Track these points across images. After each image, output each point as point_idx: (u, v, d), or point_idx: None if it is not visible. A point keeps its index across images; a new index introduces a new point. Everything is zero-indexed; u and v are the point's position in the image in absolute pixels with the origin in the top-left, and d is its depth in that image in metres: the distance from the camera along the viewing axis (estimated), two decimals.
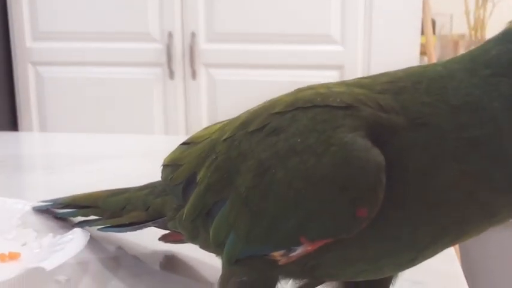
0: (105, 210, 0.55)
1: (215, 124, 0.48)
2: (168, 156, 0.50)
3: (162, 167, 0.50)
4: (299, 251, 0.35)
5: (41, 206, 0.62)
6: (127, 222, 0.53)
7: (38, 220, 0.61)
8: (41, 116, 1.99)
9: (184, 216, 0.44)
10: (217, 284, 0.41)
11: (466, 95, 0.32)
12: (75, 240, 0.51)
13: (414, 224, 0.34)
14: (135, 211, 0.52)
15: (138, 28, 1.88)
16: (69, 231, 0.54)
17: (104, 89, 1.93)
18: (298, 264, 0.36)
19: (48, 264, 0.47)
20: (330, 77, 1.83)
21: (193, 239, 0.45)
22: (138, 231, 0.53)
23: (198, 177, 0.42)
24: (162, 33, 1.87)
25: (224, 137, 0.41)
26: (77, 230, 0.53)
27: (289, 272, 0.38)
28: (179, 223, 0.46)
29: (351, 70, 1.83)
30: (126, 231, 0.54)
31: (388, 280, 0.42)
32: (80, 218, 0.59)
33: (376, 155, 0.32)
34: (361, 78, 0.38)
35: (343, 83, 0.38)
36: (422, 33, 1.86)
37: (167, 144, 0.56)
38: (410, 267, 0.38)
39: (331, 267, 0.37)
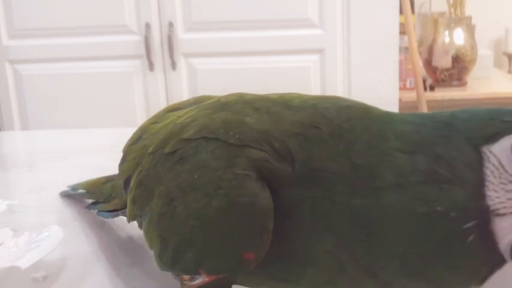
0: (100, 196, 0.59)
1: (169, 111, 0.49)
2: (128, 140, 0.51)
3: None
4: (199, 280, 0.36)
5: (66, 192, 0.68)
6: (112, 209, 0.55)
7: (14, 219, 0.61)
8: (22, 114, 1.97)
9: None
10: None
11: (368, 161, 0.32)
12: (51, 237, 0.51)
13: (295, 275, 0.34)
14: (116, 198, 0.54)
15: (114, 21, 1.86)
16: (45, 228, 0.53)
17: (83, 84, 1.91)
18: None
19: (24, 263, 0.47)
20: (311, 61, 1.83)
21: None
22: (118, 224, 0.54)
23: (131, 184, 0.44)
24: (139, 25, 1.85)
25: (149, 150, 0.42)
26: (53, 227, 0.53)
27: None
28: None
29: (331, 53, 1.82)
30: (107, 217, 0.57)
31: None
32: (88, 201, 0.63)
33: (263, 201, 0.32)
34: (289, 103, 0.37)
35: (269, 106, 0.37)
36: (401, 12, 1.86)
37: None
38: None
39: None
